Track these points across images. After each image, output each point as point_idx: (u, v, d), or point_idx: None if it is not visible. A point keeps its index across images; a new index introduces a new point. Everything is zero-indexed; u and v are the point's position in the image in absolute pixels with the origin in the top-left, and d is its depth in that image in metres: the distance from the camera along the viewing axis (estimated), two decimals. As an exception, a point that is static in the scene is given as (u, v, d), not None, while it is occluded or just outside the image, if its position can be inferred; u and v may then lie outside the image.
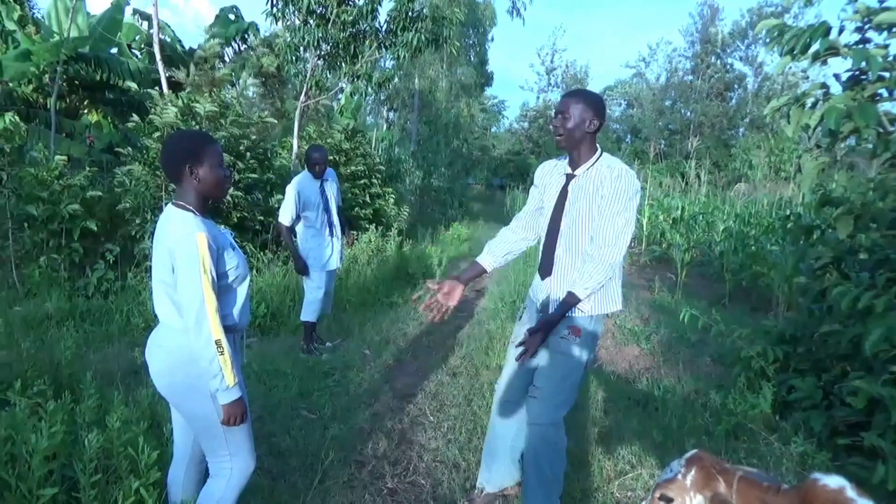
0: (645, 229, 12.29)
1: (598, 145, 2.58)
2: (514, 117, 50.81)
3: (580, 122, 2.52)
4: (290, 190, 5.03)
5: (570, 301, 2.47)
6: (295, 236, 5.21)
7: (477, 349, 5.42)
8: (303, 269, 5.14)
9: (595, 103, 2.54)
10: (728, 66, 39.14)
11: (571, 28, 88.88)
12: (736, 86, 38.97)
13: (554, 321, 2.49)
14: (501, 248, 2.90)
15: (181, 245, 2.00)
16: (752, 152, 24.47)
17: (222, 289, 2.14)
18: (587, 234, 2.56)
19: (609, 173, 2.50)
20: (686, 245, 9.07)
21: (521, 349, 2.49)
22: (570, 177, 2.63)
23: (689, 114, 39.25)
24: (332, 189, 5.24)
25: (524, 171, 39.82)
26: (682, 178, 18.91)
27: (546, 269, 2.70)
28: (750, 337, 4.31)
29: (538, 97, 49.63)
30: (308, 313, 5.22)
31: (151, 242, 2.16)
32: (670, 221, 11.61)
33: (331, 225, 5.18)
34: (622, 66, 69.88)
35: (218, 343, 2.01)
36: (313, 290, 5.20)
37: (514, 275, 8.29)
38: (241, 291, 2.23)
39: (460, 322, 6.62)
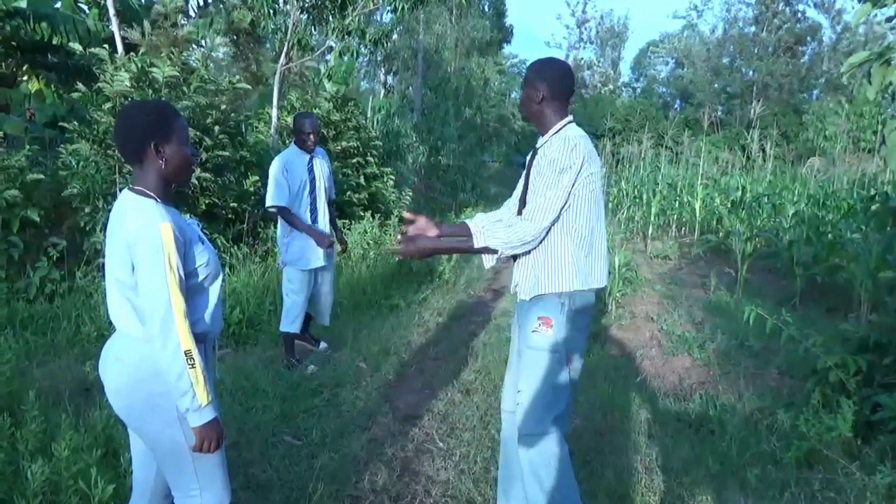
0: (697, 214, 12.26)
1: (562, 116, 2.82)
2: (538, 80, 50.64)
3: (528, 93, 2.83)
4: (276, 165, 5.05)
5: (468, 246, 2.75)
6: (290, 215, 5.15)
7: (494, 361, 5.43)
8: (325, 242, 5.08)
9: (539, 70, 2.83)
10: (799, 15, 38.84)
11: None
12: (809, 39, 38.67)
13: (437, 248, 2.85)
14: (493, 216, 3.09)
15: (142, 237, 2.01)
16: (828, 119, 24.31)
17: (191, 290, 2.14)
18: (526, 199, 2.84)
19: (554, 142, 2.73)
20: (748, 233, 9.02)
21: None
22: (534, 151, 2.88)
23: (751, 73, 39.01)
24: (322, 169, 5.24)
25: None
26: (742, 151, 18.79)
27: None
28: (826, 344, 4.29)
29: (568, 55, 49.50)
30: (287, 322, 5.23)
31: (104, 235, 2.16)
32: (728, 205, 11.55)
33: (315, 211, 5.18)
34: (669, 16, 69.64)
35: (188, 354, 2.02)
36: (292, 295, 5.21)
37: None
38: (213, 292, 2.24)
39: (474, 328, 6.63)
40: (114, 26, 8.52)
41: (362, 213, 9.35)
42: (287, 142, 9.76)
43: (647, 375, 5.38)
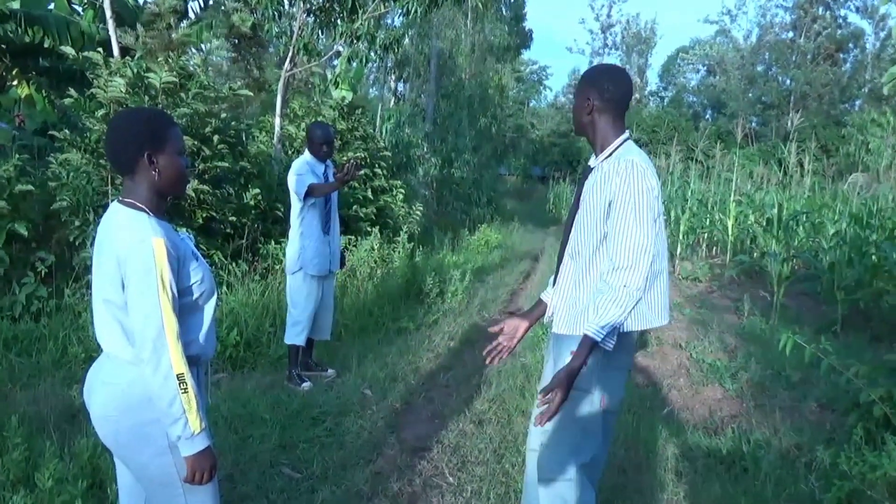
0: (730, 233, 12.21)
1: (617, 132, 2.69)
2: (559, 88, 50.88)
3: (578, 103, 2.73)
4: (298, 164, 5.23)
5: (588, 345, 2.48)
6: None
7: (510, 389, 5.41)
8: (345, 179, 5.11)
9: (590, 77, 2.72)
10: (841, 20, 38.81)
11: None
12: (851, 46, 38.61)
13: (574, 372, 2.49)
14: (563, 281, 2.89)
15: (133, 253, 2.01)
16: (871, 132, 24.19)
17: (185, 309, 2.15)
18: (591, 240, 2.66)
19: (615, 167, 2.57)
20: (784, 254, 8.97)
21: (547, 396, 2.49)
22: (589, 170, 2.76)
23: (788, 82, 38.97)
24: (333, 177, 5.36)
25: (572, 157, 39.73)
26: (779, 165, 18.73)
27: (556, 274, 2.90)
28: (870, 375, 4.25)
29: (591, 62, 49.63)
30: (293, 334, 5.33)
31: (93, 250, 2.17)
32: (763, 223, 11.50)
33: (329, 222, 5.35)
34: (701, 21, 69.69)
35: (180, 378, 2.02)
36: (300, 303, 5.31)
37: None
38: (208, 312, 2.26)
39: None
40: (110, 28, 8.57)
41: (369, 229, 9.37)
42: (290, 152, 9.82)
43: (675, 407, 5.34)
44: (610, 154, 2.65)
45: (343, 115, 10.17)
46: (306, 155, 5.33)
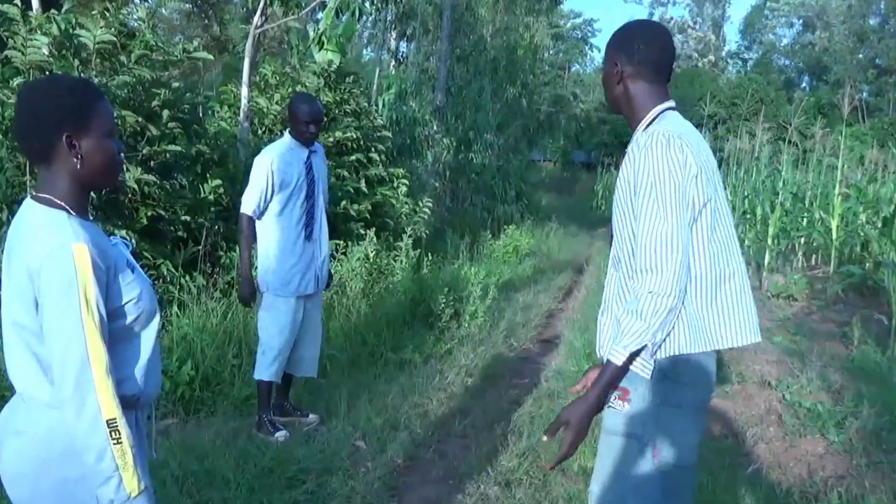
0: (834, 237, 12.14)
1: (655, 101, 2.73)
2: (610, 48, 50.72)
3: (607, 72, 2.82)
4: (262, 161, 5.20)
5: (610, 371, 2.50)
6: (254, 241, 5.37)
7: (545, 441, 5.39)
8: (248, 296, 5.33)
9: (618, 39, 2.80)
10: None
11: None
12: None
13: (591, 408, 2.53)
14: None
15: (48, 264, 2.00)
16: None
17: (118, 335, 2.14)
18: (626, 241, 2.68)
19: (642, 147, 2.57)
20: (906, 264, 8.92)
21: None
22: (626, 152, 2.75)
23: (910, 40, 38.75)
24: (320, 169, 5.42)
25: (626, 137, 39.38)
26: (897, 148, 18.63)
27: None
28: None
29: (651, 13, 49.58)
30: (263, 367, 5.33)
31: (2, 260, 2.19)
32: (879, 224, 11.45)
33: (312, 223, 5.35)
34: (794, -41, 69.44)
35: (111, 425, 2.01)
36: (272, 328, 5.31)
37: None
38: (147, 339, 2.25)
39: (517, 394, 6.63)
40: (27, -29, 8.66)
41: (363, 231, 9.35)
42: (261, 132, 9.84)
43: (763, 465, 5.30)
44: (646, 128, 2.66)
45: (329, 84, 10.19)
46: (286, 138, 5.34)
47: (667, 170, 2.48)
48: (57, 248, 2.00)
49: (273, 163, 5.17)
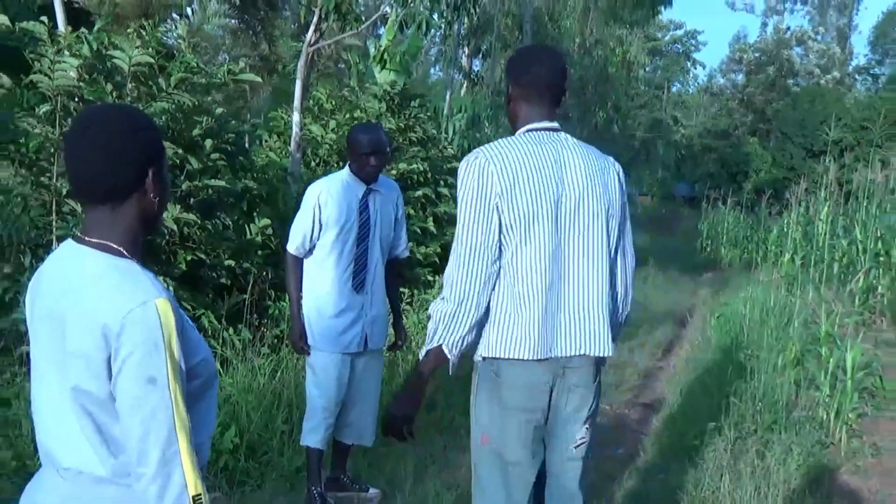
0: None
1: (526, 121, 3.37)
2: (715, 64, 50.56)
3: (506, 95, 3.56)
4: (310, 193, 5.22)
5: (417, 362, 3.38)
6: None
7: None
8: (298, 339, 5.29)
9: (508, 65, 3.61)
10: None
11: None
12: None
13: (402, 391, 3.56)
14: None
15: (132, 324, 1.94)
16: None
17: (191, 400, 2.09)
18: None
19: None
20: None
21: None
22: None
23: None
24: (382, 209, 5.34)
25: (736, 168, 39.28)
26: None
27: None
28: None
29: (765, 23, 49.34)
30: (306, 431, 5.34)
31: (33, 313, 2.16)
32: None
33: (363, 270, 5.28)
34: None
35: (197, 501, 1.99)
36: (312, 387, 5.31)
37: (721, 375, 7.95)
38: (213, 403, 2.28)
39: (612, 467, 6.47)
40: (53, -13, 8.80)
41: (430, 278, 9.26)
42: (315, 164, 9.83)
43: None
44: None
45: (393, 109, 10.26)
46: (344, 171, 5.32)
47: (465, 188, 3.17)
48: (140, 304, 1.95)
49: (321, 196, 5.15)
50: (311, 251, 5.25)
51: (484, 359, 3.26)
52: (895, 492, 6.14)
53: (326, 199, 5.14)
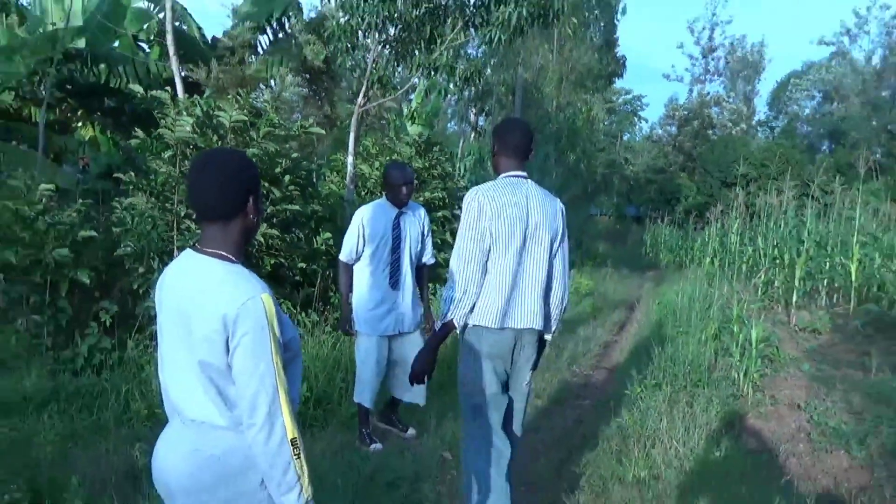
0: (854, 279, 11.80)
1: (505, 169, 3.75)
2: (655, 119, 50.45)
3: (492, 151, 3.95)
4: (356, 215, 5.33)
5: (438, 327, 3.72)
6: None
7: (604, 453, 5.31)
8: (342, 327, 5.44)
9: (493, 131, 3.94)
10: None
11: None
12: None
13: (427, 348, 3.81)
14: None
15: (247, 312, 2.01)
16: None
17: (285, 365, 2.14)
18: None
19: None
20: (919, 303, 8.62)
21: None
22: None
23: (918, 108, 37.73)
24: (411, 226, 5.40)
25: (670, 195, 39.16)
26: (910, 202, 18.09)
27: None
28: None
29: (691, 90, 49.19)
30: (357, 392, 5.41)
31: (162, 305, 2.20)
32: (893, 267, 11.11)
33: (397, 272, 5.34)
34: (814, 42, 68.29)
35: (294, 444, 2.04)
36: (363, 366, 5.36)
37: (660, 345, 8.11)
38: (298, 366, 2.28)
39: (582, 412, 6.55)
40: (174, 66, 8.84)
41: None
42: (364, 193, 9.96)
43: (794, 476, 5.13)
44: None
45: (420, 153, 10.28)
46: (382, 199, 5.40)
47: (466, 215, 3.55)
48: (251, 298, 2.02)
49: (364, 218, 5.26)
50: (358, 258, 5.30)
51: (469, 326, 3.60)
52: (785, 430, 6.09)
53: (368, 220, 5.23)
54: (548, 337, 3.93)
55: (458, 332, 3.67)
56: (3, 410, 5.14)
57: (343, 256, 5.32)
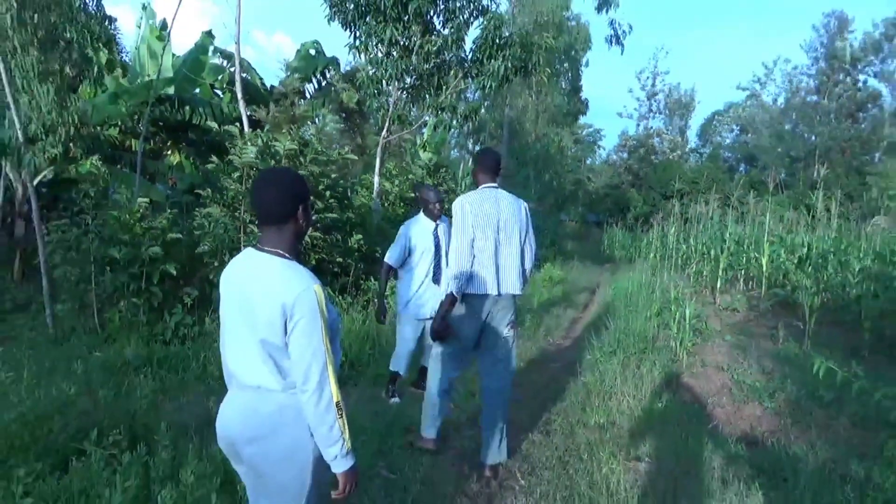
0: (765, 269, 11.74)
1: (482, 182, 3.97)
2: (611, 147, 50.39)
3: (472, 170, 4.20)
4: (402, 230, 5.27)
5: (442, 300, 3.85)
6: (395, 278, 5.40)
7: (572, 404, 5.29)
8: (380, 317, 5.29)
9: (474, 157, 4.23)
10: (860, 84, 37.35)
11: (676, 48, 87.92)
12: (870, 105, 37.08)
13: (438, 316, 3.90)
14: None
15: (302, 301, 1.98)
16: (893, 180, 23.06)
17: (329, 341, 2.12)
18: None
19: None
20: (815, 288, 8.57)
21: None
22: None
23: (813, 138, 37.60)
24: (444, 235, 5.34)
25: (623, 205, 39.21)
26: (807, 210, 17.99)
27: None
28: (898, 396, 3.97)
29: (638, 125, 49.02)
30: (393, 362, 5.35)
31: (230, 294, 2.16)
32: (795, 261, 11.04)
33: (438, 272, 5.27)
34: (734, 87, 68.17)
35: (338, 406, 2.01)
36: (403, 343, 5.29)
37: (615, 321, 8.08)
38: (338, 345, 2.23)
39: (555, 372, 6.49)
40: (241, 107, 8.94)
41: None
42: (386, 204, 9.96)
43: (719, 422, 5.11)
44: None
45: (430, 173, 10.31)
46: (420, 215, 5.30)
47: (457, 217, 3.80)
48: (306, 289, 1.99)
49: (409, 232, 5.21)
50: (404, 264, 5.24)
51: (464, 294, 3.80)
52: (712, 386, 6.02)
53: (413, 233, 5.18)
54: (519, 293, 4.01)
55: (458, 301, 3.82)
56: (109, 372, 5.20)
57: (391, 261, 5.21)
